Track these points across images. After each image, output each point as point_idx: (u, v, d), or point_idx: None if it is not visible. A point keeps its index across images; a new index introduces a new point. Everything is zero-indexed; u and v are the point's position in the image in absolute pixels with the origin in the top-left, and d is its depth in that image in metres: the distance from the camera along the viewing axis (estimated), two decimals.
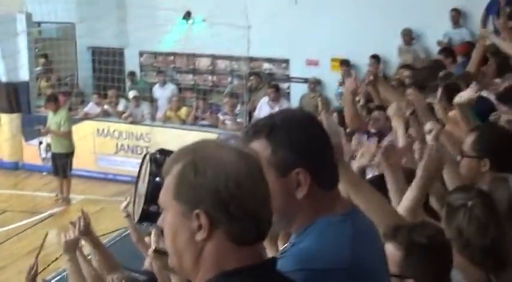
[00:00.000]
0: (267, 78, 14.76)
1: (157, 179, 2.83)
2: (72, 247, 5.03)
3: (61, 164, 12.85)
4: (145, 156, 2.57)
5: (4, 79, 14.78)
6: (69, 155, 12.88)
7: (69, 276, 5.13)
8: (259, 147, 1.92)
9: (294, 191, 1.93)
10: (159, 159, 2.96)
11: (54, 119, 12.76)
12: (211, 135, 12.55)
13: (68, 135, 12.86)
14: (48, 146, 14.01)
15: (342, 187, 2.52)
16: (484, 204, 2.95)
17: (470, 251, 2.87)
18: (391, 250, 2.60)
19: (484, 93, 6.40)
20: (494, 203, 3.01)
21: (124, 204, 5.72)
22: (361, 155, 4.41)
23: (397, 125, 5.06)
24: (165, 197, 1.72)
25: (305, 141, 1.98)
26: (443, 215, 3.05)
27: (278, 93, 13.41)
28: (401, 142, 4.84)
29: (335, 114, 8.53)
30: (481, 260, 2.88)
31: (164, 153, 3.16)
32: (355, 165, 4.31)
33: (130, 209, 6.13)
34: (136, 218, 2.45)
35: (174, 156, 1.74)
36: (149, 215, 2.68)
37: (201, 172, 1.65)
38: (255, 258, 1.69)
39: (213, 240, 1.65)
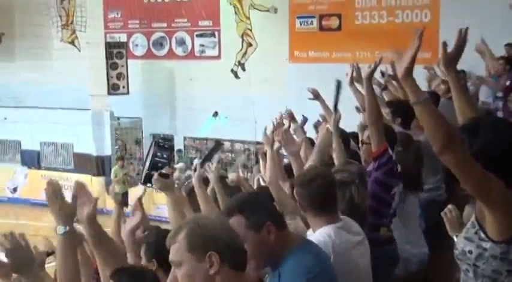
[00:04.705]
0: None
1: (156, 158, 3.49)
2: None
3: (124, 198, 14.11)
4: (152, 143, 2.51)
5: (95, 154, 17.31)
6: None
7: None
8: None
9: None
10: (160, 143, 3.62)
11: (122, 171, 15.81)
12: None
13: None
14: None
15: None
16: (363, 181, 3.47)
17: (354, 211, 3.26)
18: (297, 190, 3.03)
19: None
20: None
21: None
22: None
23: (267, 148, 4.74)
24: (177, 256, 1.98)
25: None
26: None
27: None
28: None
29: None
30: (360, 217, 3.27)
31: (164, 139, 3.89)
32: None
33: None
34: (142, 180, 2.61)
35: (173, 232, 2.03)
36: (150, 178, 3.27)
37: (203, 227, 2.00)
38: None
39: (222, 271, 1.96)
